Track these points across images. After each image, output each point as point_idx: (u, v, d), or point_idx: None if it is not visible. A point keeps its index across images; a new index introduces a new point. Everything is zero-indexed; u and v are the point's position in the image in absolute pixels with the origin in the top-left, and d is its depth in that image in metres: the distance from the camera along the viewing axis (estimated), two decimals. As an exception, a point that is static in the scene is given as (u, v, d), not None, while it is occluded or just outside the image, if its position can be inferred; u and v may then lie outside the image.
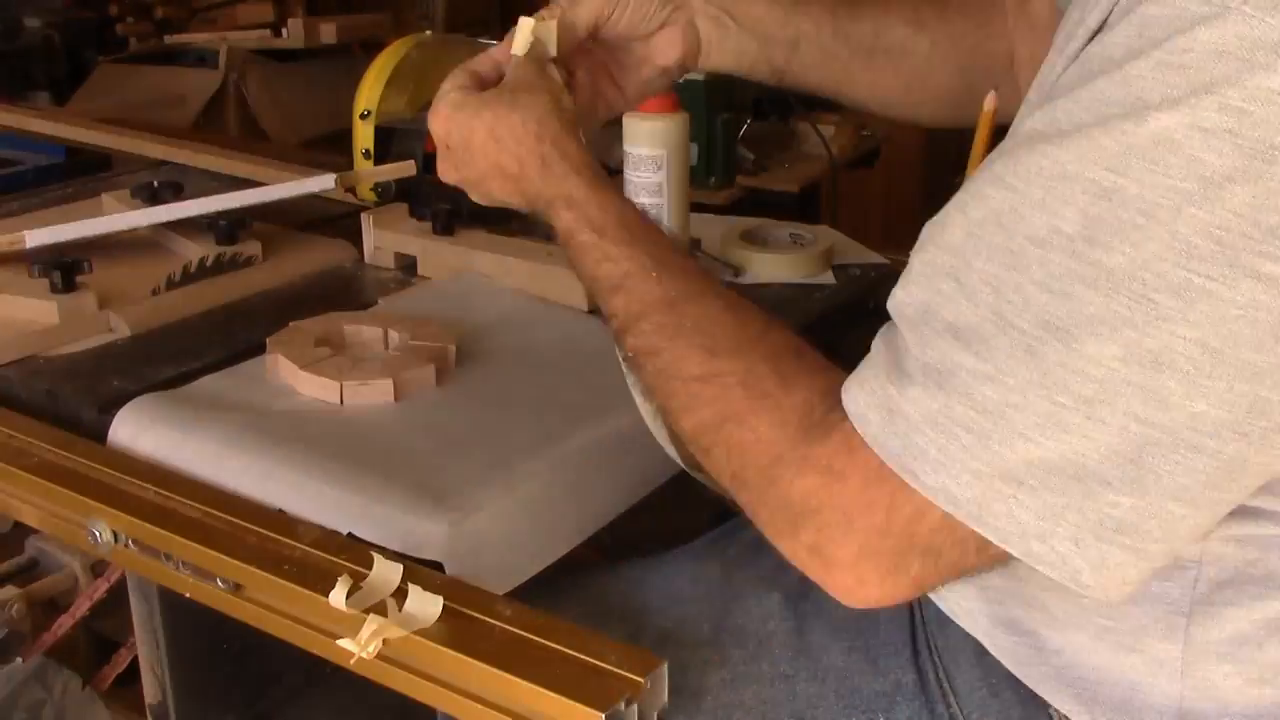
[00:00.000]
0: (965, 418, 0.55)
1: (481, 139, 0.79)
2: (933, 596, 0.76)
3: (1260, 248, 0.49)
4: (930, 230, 0.60)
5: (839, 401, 0.60)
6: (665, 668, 0.64)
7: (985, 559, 0.58)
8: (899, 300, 0.60)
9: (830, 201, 2.44)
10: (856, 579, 0.59)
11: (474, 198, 0.83)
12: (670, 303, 0.69)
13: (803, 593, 0.83)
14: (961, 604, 0.75)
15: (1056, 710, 0.71)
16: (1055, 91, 0.57)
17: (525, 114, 0.78)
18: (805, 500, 0.60)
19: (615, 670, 0.64)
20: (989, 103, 0.74)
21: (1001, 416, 0.54)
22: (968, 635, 0.75)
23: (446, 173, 0.84)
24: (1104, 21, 0.57)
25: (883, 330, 0.61)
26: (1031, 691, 0.72)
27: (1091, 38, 0.57)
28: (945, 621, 0.77)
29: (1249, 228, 0.49)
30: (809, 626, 0.81)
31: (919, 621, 0.79)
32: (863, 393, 0.59)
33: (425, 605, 0.68)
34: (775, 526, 0.62)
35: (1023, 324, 0.53)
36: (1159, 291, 0.50)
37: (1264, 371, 0.50)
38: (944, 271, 0.57)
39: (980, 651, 0.75)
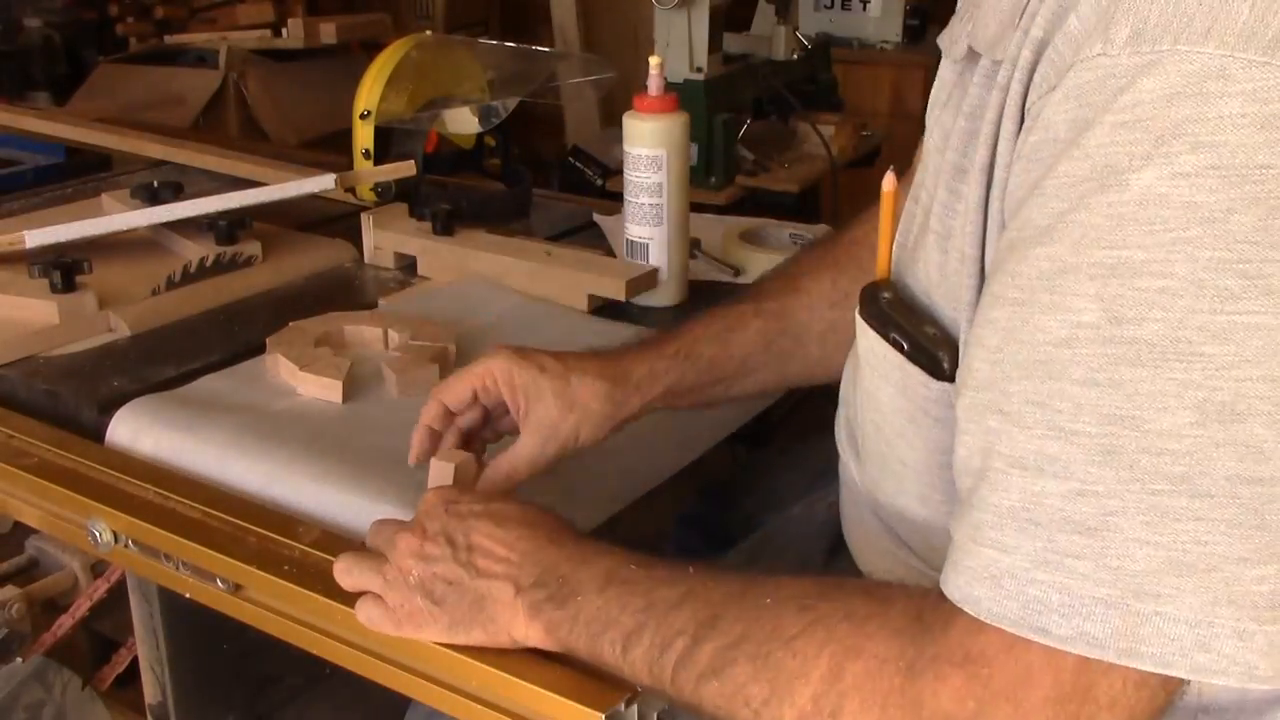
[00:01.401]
0: (1071, 545, 0.51)
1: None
2: None
3: None
4: (958, 379, 0.58)
5: (941, 597, 0.56)
6: (665, 668, 0.64)
7: (1179, 687, 0.53)
8: (959, 460, 0.57)
9: (830, 201, 2.44)
10: None
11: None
12: (742, 591, 0.63)
13: None
14: None
15: None
16: (1013, 195, 0.55)
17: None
18: (961, 706, 0.54)
19: (615, 670, 0.64)
20: (888, 183, 0.72)
21: (1108, 529, 0.50)
22: None
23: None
24: (1022, 111, 0.56)
25: (954, 518, 0.58)
26: None
27: (1006, 134, 0.57)
28: None
29: (1268, 250, 0.47)
30: None
31: None
32: (958, 575, 0.55)
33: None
34: None
35: (1085, 427, 0.51)
36: (1207, 344, 0.48)
37: None
38: (984, 409, 0.55)
39: None
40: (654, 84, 1.13)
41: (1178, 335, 0.49)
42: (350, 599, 0.70)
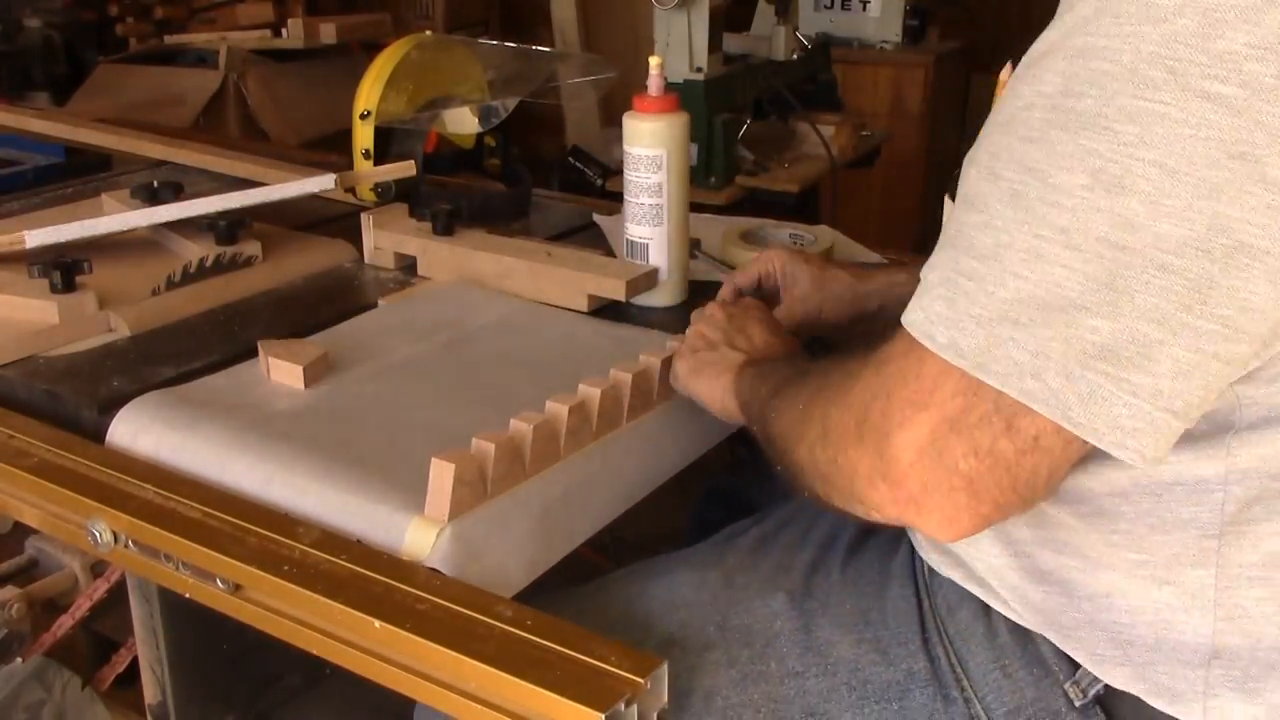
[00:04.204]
0: (968, 267, 0.60)
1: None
2: (959, 551, 0.77)
3: (1209, 70, 0.54)
4: None
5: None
6: (665, 668, 0.64)
7: (1020, 447, 0.61)
8: None
9: (830, 201, 2.44)
10: (916, 480, 0.63)
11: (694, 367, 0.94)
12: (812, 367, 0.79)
13: (807, 591, 0.83)
14: (990, 562, 0.75)
15: (1075, 684, 0.72)
16: None
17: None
18: (864, 397, 0.66)
19: (615, 670, 0.64)
20: (1005, 73, 0.75)
21: (995, 258, 0.59)
22: (977, 618, 0.76)
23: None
24: None
25: None
26: (1045, 669, 0.73)
27: None
28: (954, 607, 0.78)
29: (1197, 54, 0.54)
30: (815, 623, 0.81)
31: (928, 610, 0.80)
32: (910, 301, 0.65)
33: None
34: (850, 453, 0.66)
35: (1009, 173, 0.59)
36: (1119, 121, 0.56)
37: (1220, 188, 0.54)
38: (968, 162, 0.64)
39: (991, 634, 0.75)
40: (654, 84, 1.13)
41: (1101, 110, 0.56)
42: (349, 600, 0.71)
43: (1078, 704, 0.72)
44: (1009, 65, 0.78)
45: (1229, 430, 0.64)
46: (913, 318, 0.63)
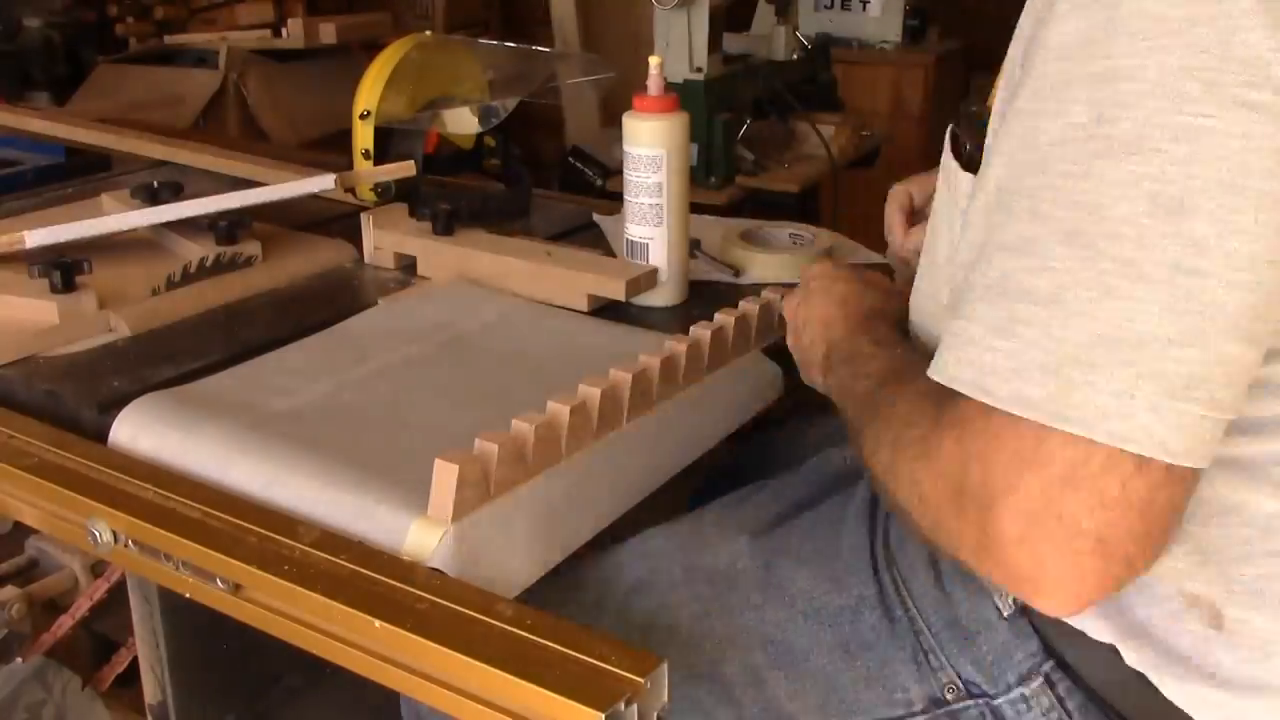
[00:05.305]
0: (1026, 314, 0.58)
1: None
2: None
3: (1240, 78, 0.53)
4: (976, 184, 0.67)
5: None
6: (665, 667, 0.64)
7: (1128, 482, 0.56)
8: (961, 258, 0.66)
9: (830, 202, 2.44)
10: (1028, 551, 0.58)
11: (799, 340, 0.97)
12: (901, 370, 0.75)
13: (769, 533, 0.88)
14: None
15: (1002, 596, 0.76)
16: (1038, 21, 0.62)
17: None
18: (951, 463, 0.61)
19: (615, 670, 0.64)
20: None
21: (1057, 301, 0.57)
22: (920, 549, 0.80)
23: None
24: None
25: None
26: (979, 585, 0.77)
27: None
28: (903, 541, 0.82)
29: (1222, 63, 0.53)
30: (776, 562, 0.86)
31: (879, 545, 0.84)
32: (945, 352, 0.63)
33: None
34: (951, 525, 0.62)
35: (1058, 213, 0.57)
36: (1165, 141, 0.54)
37: (1278, 199, 0.54)
38: (992, 208, 0.62)
39: (933, 561, 0.80)
40: (654, 84, 1.13)
41: (1143, 132, 0.55)
42: (349, 600, 0.71)
43: (1005, 614, 0.76)
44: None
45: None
46: (959, 374, 0.61)
